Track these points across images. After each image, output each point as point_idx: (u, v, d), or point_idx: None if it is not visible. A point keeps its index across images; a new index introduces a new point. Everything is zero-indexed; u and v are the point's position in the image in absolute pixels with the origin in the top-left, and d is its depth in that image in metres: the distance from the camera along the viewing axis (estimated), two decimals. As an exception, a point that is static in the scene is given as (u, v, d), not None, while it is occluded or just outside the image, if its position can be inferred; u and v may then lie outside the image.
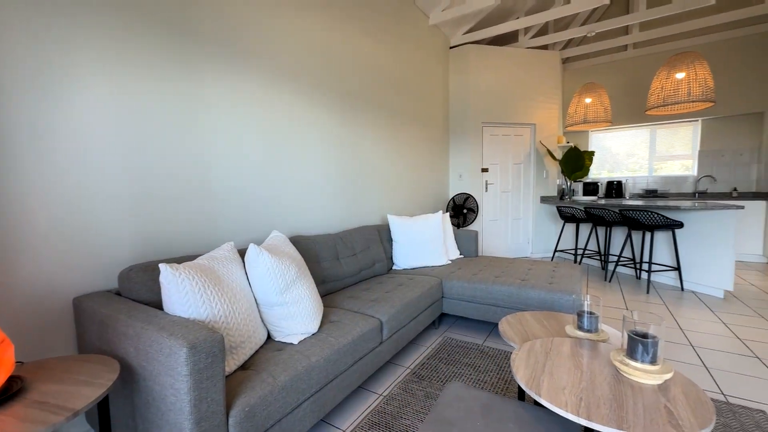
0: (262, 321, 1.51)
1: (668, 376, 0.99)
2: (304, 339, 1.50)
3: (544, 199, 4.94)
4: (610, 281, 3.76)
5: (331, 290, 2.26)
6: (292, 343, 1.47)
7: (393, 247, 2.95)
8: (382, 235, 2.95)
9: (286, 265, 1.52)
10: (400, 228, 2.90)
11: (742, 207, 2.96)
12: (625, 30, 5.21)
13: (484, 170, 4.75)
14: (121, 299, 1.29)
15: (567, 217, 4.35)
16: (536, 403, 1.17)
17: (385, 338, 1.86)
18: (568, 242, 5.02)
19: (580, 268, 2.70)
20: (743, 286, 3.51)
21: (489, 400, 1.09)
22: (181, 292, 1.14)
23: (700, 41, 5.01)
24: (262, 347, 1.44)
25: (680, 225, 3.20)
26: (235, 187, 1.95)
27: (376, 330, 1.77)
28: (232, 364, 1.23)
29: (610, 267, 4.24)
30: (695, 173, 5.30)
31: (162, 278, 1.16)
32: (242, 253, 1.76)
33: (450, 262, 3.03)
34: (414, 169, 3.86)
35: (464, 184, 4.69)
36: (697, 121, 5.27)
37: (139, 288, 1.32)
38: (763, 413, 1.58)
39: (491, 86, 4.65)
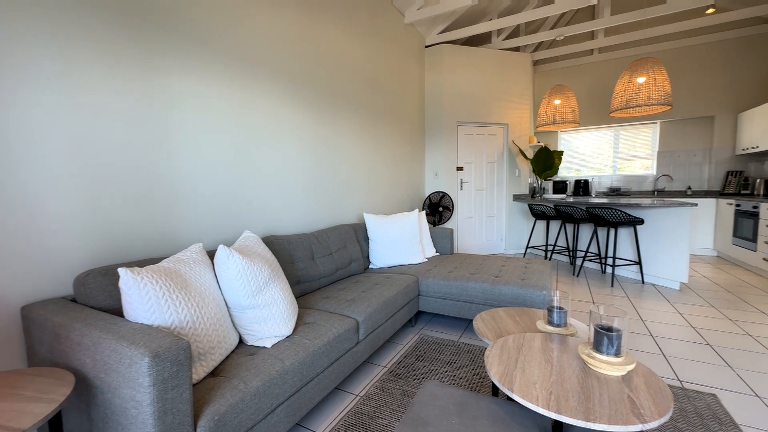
0: (234, 325, 1.46)
1: (631, 367, 1.03)
2: (278, 342, 1.46)
3: (517, 197, 5.08)
4: (578, 276, 3.93)
5: (306, 291, 2.22)
6: (265, 347, 1.42)
7: (369, 245, 2.94)
8: (359, 233, 2.93)
9: (259, 266, 1.47)
10: (377, 227, 2.89)
11: (696, 204, 3.17)
12: (591, 35, 5.44)
13: (459, 169, 4.83)
14: (76, 306, 1.20)
15: (538, 214, 4.50)
16: (509, 398, 1.19)
17: (362, 338, 1.85)
18: (539, 239, 5.19)
19: (550, 264, 2.79)
20: (697, 278, 3.77)
21: (463, 397, 1.11)
22: (144, 298, 1.08)
23: (660, 48, 5.31)
24: (233, 352, 1.39)
25: (641, 222, 3.39)
26: (204, 186, 1.87)
27: (353, 330, 1.76)
28: (200, 372, 1.18)
29: (578, 262, 4.44)
30: (654, 172, 5.62)
31: (122, 283, 1.09)
32: (212, 254, 1.69)
33: (426, 260, 3.05)
34: (391, 167, 3.86)
35: (440, 183, 4.74)
36: (655, 123, 5.60)
37: (97, 294, 1.24)
38: (715, 396, 1.70)
39: (466, 86, 4.72)
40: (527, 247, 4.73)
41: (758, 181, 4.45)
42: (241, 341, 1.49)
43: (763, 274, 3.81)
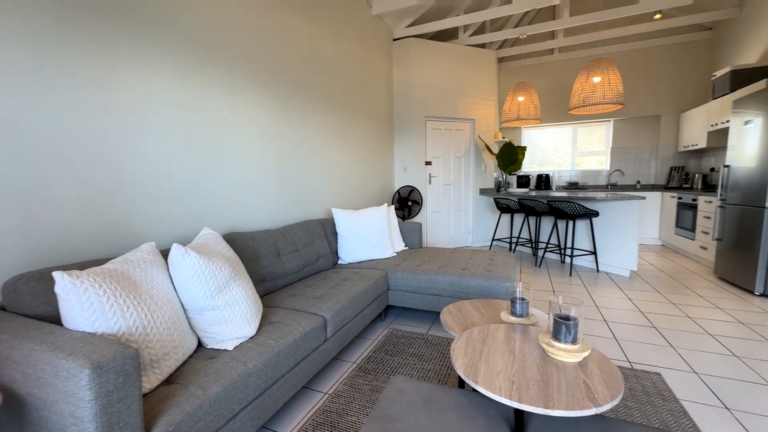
0: (192, 328, 1.38)
1: (586, 353, 1.09)
2: (241, 344, 1.40)
3: (483, 191, 5.22)
4: (539, 266, 4.11)
5: (271, 289, 2.15)
6: (226, 350, 1.36)
7: (338, 241, 2.90)
8: (327, 229, 2.88)
9: (218, 265, 1.39)
10: (345, 222, 2.85)
11: (644, 198, 3.41)
12: (552, 35, 5.65)
13: (428, 163, 4.87)
14: (5, 315, 1.08)
15: (503, 208, 4.65)
16: (475, 389, 1.22)
17: (330, 335, 1.82)
18: (504, 231, 5.38)
19: (514, 256, 2.89)
20: (644, 266, 4.07)
21: (430, 390, 1.12)
22: (85, 304, 0.98)
23: (614, 50, 5.63)
24: (191, 357, 1.32)
25: (596, 214, 3.60)
26: (156, 181, 1.74)
27: (320, 328, 1.72)
28: (153, 380, 1.10)
29: (540, 253, 4.64)
30: (608, 168, 5.99)
31: (58, 288, 0.99)
32: (166, 254, 1.58)
33: (395, 254, 3.06)
34: (360, 161, 3.81)
35: (409, 177, 4.76)
36: (609, 121, 5.94)
37: (30, 300, 1.12)
38: (659, 375, 1.84)
39: (434, 81, 4.75)
40: (493, 240, 4.88)
41: (696, 176, 4.86)
42: (200, 345, 1.41)
43: (701, 261, 4.19)
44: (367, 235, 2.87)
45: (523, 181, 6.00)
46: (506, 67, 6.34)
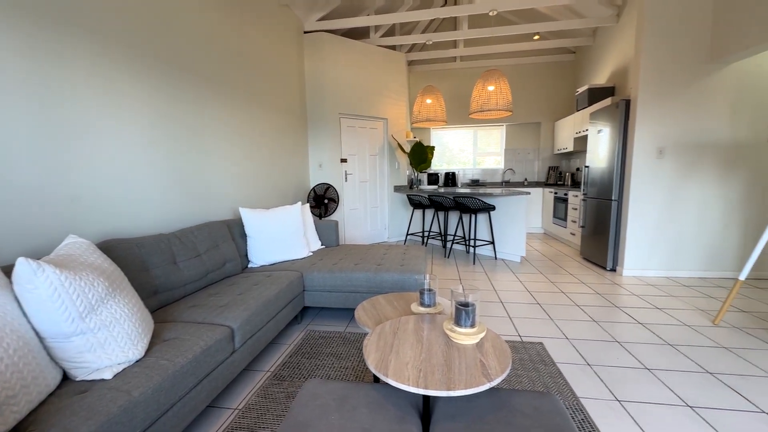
0: (53, 359, 1.13)
1: (483, 334, 1.21)
2: (124, 370, 1.20)
3: (397, 189, 5.44)
4: (448, 257, 4.47)
5: (167, 301, 1.89)
6: (103, 379, 1.15)
7: (248, 242, 2.70)
8: (234, 230, 2.65)
9: (89, 280, 1.16)
10: (256, 222, 2.67)
11: (529, 193, 3.97)
12: (454, 44, 6.15)
13: (344, 161, 4.87)
14: None
15: (415, 204, 4.92)
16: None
17: (239, 346, 1.68)
18: (417, 226, 5.69)
19: (425, 249, 3.08)
20: (531, 252, 4.74)
21: (344, 390, 1.11)
22: None
23: (506, 63, 6.39)
24: (52, 395, 1.08)
25: (493, 208, 4.05)
26: (-5, 177, 1.37)
27: (227, 339, 1.58)
28: (-8, 432, 0.87)
29: (449, 245, 5.05)
30: (503, 167, 6.80)
31: None
32: (10, 270, 1.26)
33: (311, 253, 2.99)
34: (271, 158, 3.60)
35: (325, 174, 4.69)
36: (502, 126, 6.75)
37: None
38: (542, 344, 2.16)
39: (347, 78, 4.75)
40: (407, 235, 5.13)
41: (567, 174, 5.84)
42: (66, 378, 1.17)
43: (571, 245, 5.06)
44: (280, 236, 2.74)
45: (433, 178, 6.42)
46: (415, 70, 6.68)
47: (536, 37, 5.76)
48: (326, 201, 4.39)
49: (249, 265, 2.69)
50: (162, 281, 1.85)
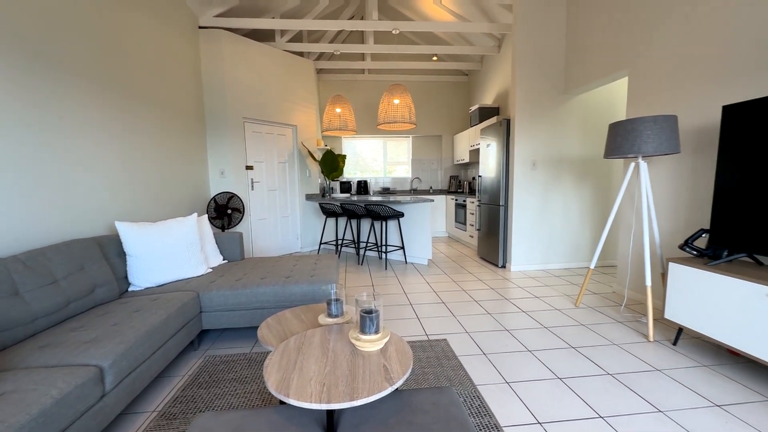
0: None
1: (386, 339, 1.25)
2: (-76, 445, 0.89)
3: (309, 197, 5.32)
4: (362, 264, 4.52)
5: (5, 344, 1.48)
6: None
7: (128, 262, 2.31)
8: (109, 249, 2.24)
9: None
10: (138, 237, 2.30)
11: (433, 200, 4.29)
12: (362, 57, 6.34)
13: (249, 168, 4.56)
14: None
15: (328, 212, 4.87)
16: (292, 400, 1.19)
17: (111, 388, 1.41)
18: (330, 234, 5.64)
19: (337, 258, 3.06)
20: (437, 254, 5.11)
21: (241, 419, 1.02)
22: None
23: (410, 79, 6.83)
24: None
25: (402, 215, 4.26)
26: None
27: (93, 382, 1.31)
28: None
29: (362, 252, 5.12)
30: (410, 175, 7.22)
31: None
32: None
33: (211, 269, 2.70)
34: (160, 163, 3.16)
35: (228, 183, 4.32)
36: (409, 137, 7.18)
37: None
38: (446, 341, 2.33)
39: (251, 81, 4.48)
40: (321, 244, 5.04)
41: (465, 182, 6.50)
42: None
43: (470, 246, 5.61)
44: (171, 252, 2.41)
45: (346, 186, 6.46)
46: (325, 78, 6.68)
47: (435, 58, 6.32)
48: (230, 211, 4.04)
49: (130, 289, 2.30)
50: (-4, 319, 1.45)
